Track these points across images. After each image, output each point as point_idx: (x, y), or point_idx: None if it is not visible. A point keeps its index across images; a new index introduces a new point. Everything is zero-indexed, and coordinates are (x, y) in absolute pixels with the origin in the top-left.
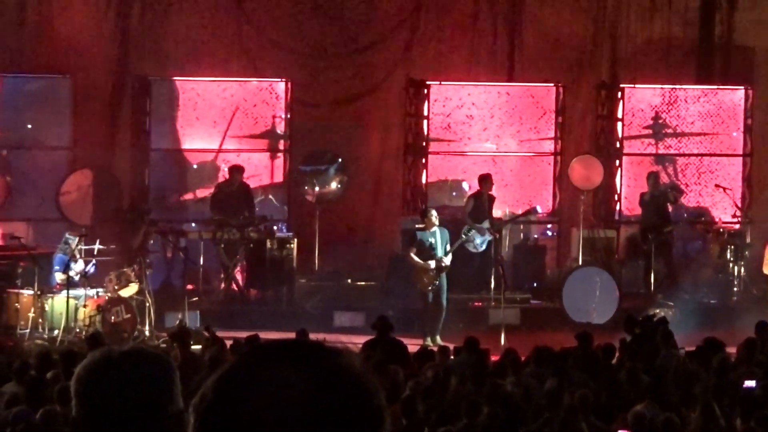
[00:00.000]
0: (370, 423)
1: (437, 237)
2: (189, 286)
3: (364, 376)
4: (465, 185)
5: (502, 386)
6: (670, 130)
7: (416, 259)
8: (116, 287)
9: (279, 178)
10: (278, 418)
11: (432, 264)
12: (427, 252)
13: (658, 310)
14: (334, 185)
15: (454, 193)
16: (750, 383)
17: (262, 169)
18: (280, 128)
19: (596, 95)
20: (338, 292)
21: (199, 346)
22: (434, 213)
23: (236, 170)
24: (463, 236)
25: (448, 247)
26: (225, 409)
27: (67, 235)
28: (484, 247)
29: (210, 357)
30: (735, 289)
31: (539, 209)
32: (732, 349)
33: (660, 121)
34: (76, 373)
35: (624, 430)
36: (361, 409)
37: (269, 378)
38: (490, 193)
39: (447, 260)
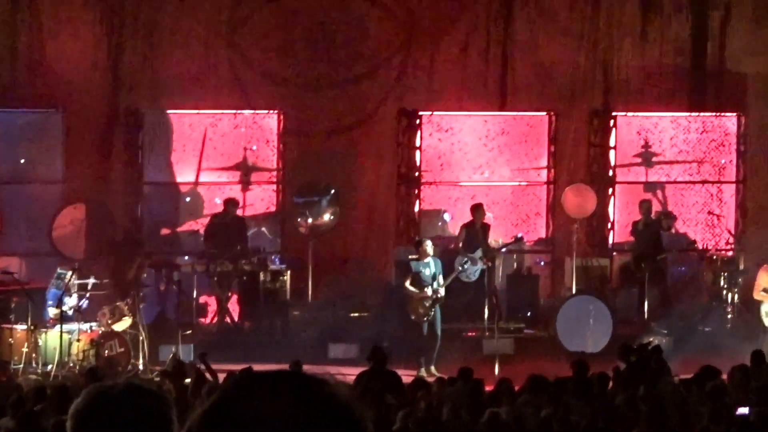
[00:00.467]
0: None
1: (431, 267)
2: (182, 319)
3: (352, 405)
4: (446, 216)
5: (499, 414)
6: (662, 158)
7: (411, 289)
8: (110, 321)
9: (272, 209)
10: None
11: (428, 292)
12: (421, 282)
13: (652, 338)
14: (327, 216)
15: (440, 223)
16: (743, 410)
17: (254, 201)
18: (272, 160)
19: (589, 123)
20: (332, 323)
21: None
22: (429, 243)
23: (231, 203)
24: (459, 267)
25: (441, 280)
26: None
27: (59, 270)
28: (477, 275)
29: (207, 391)
30: (729, 316)
31: (520, 236)
32: (726, 376)
33: (652, 149)
34: (72, 409)
35: None
36: None
37: (256, 408)
38: (484, 222)
39: (441, 291)
